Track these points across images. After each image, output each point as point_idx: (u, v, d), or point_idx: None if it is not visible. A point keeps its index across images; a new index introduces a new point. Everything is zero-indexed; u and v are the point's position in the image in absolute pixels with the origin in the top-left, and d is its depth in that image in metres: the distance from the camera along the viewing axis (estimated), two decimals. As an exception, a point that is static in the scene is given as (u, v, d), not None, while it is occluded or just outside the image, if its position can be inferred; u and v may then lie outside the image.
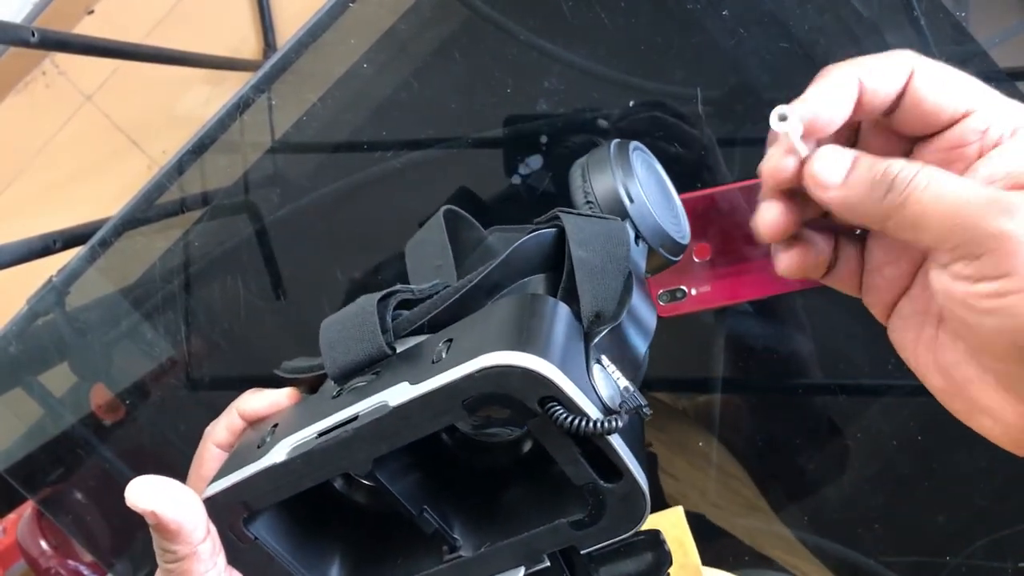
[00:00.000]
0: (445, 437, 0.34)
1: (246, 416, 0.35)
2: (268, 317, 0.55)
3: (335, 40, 0.52)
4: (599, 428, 0.25)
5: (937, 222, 0.27)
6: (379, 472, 0.28)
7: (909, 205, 0.27)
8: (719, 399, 0.52)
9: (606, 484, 0.27)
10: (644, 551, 0.29)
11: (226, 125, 0.53)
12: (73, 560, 1.03)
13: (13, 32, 0.74)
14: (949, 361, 0.30)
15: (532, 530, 0.29)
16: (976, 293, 0.26)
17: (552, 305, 0.28)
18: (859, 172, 0.29)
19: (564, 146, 0.51)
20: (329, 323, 0.33)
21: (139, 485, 0.29)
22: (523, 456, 0.33)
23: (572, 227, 0.32)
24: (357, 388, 0.30)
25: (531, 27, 0.50)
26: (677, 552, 0.42)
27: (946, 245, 0.27)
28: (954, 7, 0.47)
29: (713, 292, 0.47)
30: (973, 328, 0.28)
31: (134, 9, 1.43)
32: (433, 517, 0.30)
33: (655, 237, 0.36)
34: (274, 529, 0.31)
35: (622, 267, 0.31)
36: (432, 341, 0.30)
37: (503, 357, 0.25)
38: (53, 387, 0.58)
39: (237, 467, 0.30)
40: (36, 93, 1.46)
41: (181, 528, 0.29)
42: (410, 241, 0.41)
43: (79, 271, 0.56)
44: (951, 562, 0.50)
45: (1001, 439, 0.30)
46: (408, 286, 0.34)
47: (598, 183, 0.36)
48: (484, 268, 0.32)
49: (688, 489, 0.52)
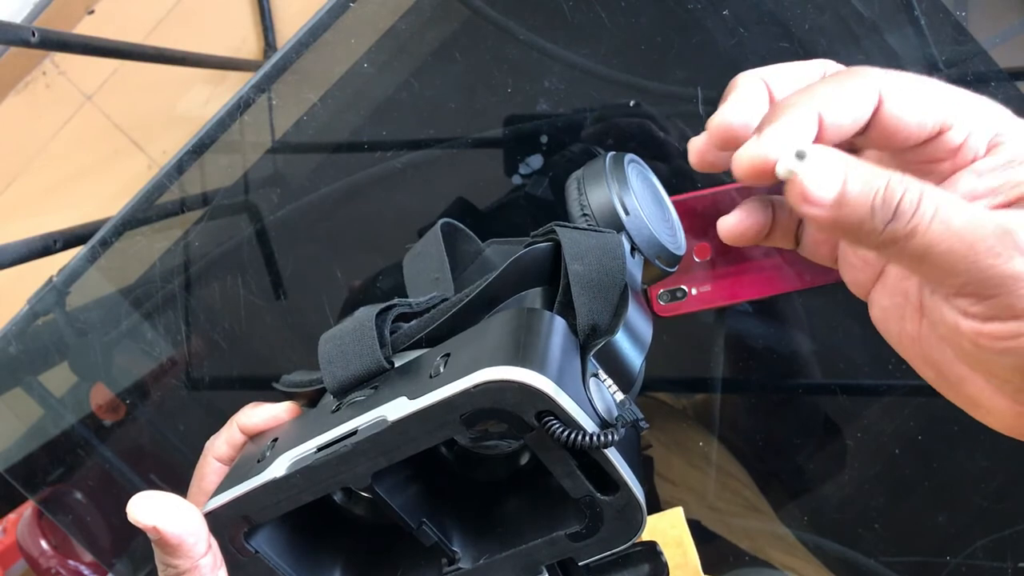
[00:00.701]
0: (444, 450, 0.34)
1: (246, 430, 0.35)
2: (268, 317, 0.55)
3: (335, 40, 0.52)
4: (595, 441, 0.25)
5: (945, 259, 0.24)
6: (378, 486, 0.29)
7: (916, 237, 0.24)
8: (719, 399, 0.52)
9: (603, 496, 0.27)
10: (641, 562, 0.29)
11: (226, 125, 0.53)
12: (73, 560, 1.03)
13: (13, 32, 0.74)
14: (938, 359, 0.29)
15: (530, 542, 0.29)
16: (988, 333, 0.25)
17: (548, 319, 0.29)
18: (855, 189, 0.24)
19: (564, 147, 0.51)
20: (327, 337, 0.33)
21: (140, 501, 0.29)
22: (521, 468, 0.34)
23: (568, 241, 0.32)
24: (356, 402, 0.30)
25: (531, 27, 0.50)
26: (676, 553, 0.42)
27: (954, 282, 0.24)
28: (954, 7, 0.47)
29: (713, 292, 0.47)
30: (981, 361, 0.26)
31: (134, 9, 1.43)
32: (432, 530, 0.30)
33: (651, 249, 0.36)
34: (275, 543, 0.32)
35: (618, 280, 0.31)
36: (430, 355, 0.30)
37: (500, 372, 0.25)
38: (53, 387, 0.58)
39: (237, 481, 0.30)
40: (36, 93, 1.46)
41: (182, 542, 0.29)
42: (407, 254, 0.42)
43: (79, 271, 0.56)
44: (951, 562, 0.50)
45: (998, 427, 0.29)
46: (406, 299, 0.34)
47: (594, 196, 0.36)
48: (481, 282, 0.32)
49: (686, 494, 0.52)
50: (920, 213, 0.23)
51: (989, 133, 0.27)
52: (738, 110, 0.29)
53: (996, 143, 0.27)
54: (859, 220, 0.24)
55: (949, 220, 0.23)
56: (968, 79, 0.47)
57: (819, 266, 0.43)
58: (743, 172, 0.26)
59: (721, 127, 0.29)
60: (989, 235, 0.23)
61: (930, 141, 0.27)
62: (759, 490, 0.52)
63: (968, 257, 0.23)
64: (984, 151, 0.28)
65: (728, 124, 0.29)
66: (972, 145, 0.27)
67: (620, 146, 0.50)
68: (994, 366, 0.26)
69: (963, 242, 0.23)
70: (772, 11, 0.48)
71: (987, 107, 0.28)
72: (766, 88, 0.29)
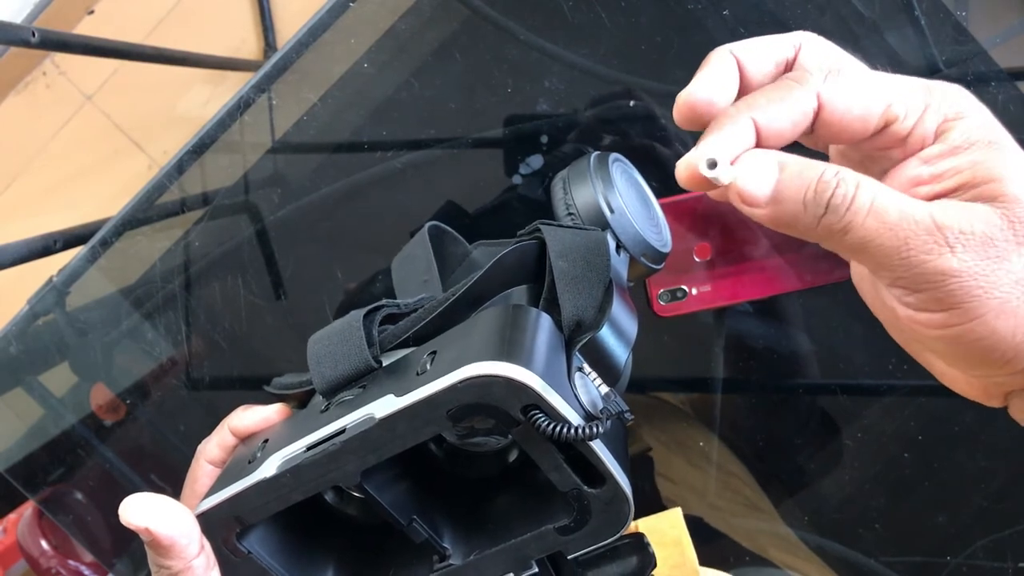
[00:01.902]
0: (433, 447, 0.35)
1: (237, 432, 0.35)
2: (268, 317, 0.55)
3: (335, 40, 0.52)
4: (581, 434, 0.25)
5: (880, 252, 0.25)
6: (367, 483, 0.29)
7: (852, 232, 0.25)
8: (719, 399, 0.52)
9: (590, 489, 0.27)
10: (629, 554, 0.30)
11: (226, 125, 0.53)
12: (73, 560, 1.03)
13: (13, 32, 0.74)
14: (896, 334, 0.31)
15: (520, 537, 0.29)
16: (921, 321, 0.26)
17: (534, 315, 0.29)
18: (789, 184, 0.26)
19: (564, 147, 0.51)
20: (316, 338, 0.33)
21: (133, 502, 0.30)
22: (509, 465, 0.34)
23: (552, 239, 0.33)
24: (344, 402, 0.30)
25: (531, 27, 0.50)
26: (674, 552, 0.42)
27: (889, 275, 0.26)
28: (954, 7, 0.47)
29: (713, 292, 0.47)
30: (922, 343, 0.28)
31: (134, 9, 1.43)
32: (422, 527, 0.30)
33: (636, 246, 0.36)
34: (267, 543, 0.32)
35: (602, 276, 0.31)
36: (417, 354, 0.30)
37: (485, 367, 0.25)
38: (53, 387, 0.58)
39: (229, 483, 0.31)
40: (36, 93, 1.46)
41: (174, 544, 0.30)
42: (396, 257, 0.42)
43: (79, 271, 0.56)
44: (951, 562, 0.50)
45: (963, 394, 0.31)
46: (394, 300, 0.35)
47: (579, 195, 0.36)
48: (466, 281, 0.32)
49: (686, 492, 0.52)
50: (855, 208, 0.25)
51: (938, 119, 0.27)
52: (703, 86, 0.29)
53: (944, 129, 0.28)
54: (794, 215, 0.26)
55: (884, 213, 0.25)
56: (968, 79, 0.47)
57: (819, 266, 0.43)
58: (683, 181, 0.27)
59: (686, 104, 0.29)
60: (922, 231, 0.24)
61: (880, 132, 0.28)
62: (760, 489, 0.52)
63: (901, 252, 0.25)
64: (933, 138, 0.28)
65: (693, 101, 0.29)
66: (919, 133, 0.28)
67: (619, 146, 0.50)
68: (934, 348, 0.27)
69: (897, 237, 0.24)
70: (772, 11, 0.48)
71: (941, 93, 0.28)
72: (736, 63, 0.29)
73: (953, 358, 0.28)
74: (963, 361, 0.27)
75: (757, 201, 0.26)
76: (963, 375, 0.29)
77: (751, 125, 0.27)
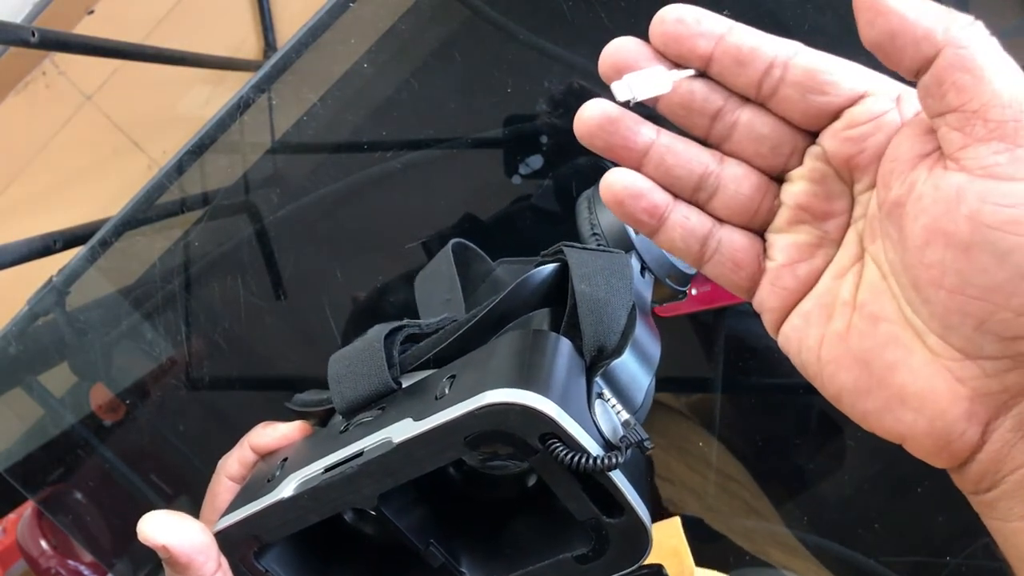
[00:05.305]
0: (452, 470, 0.35)
1: (257, 449, 0.36)
2: (268, 317, 0.55)
3: (335, 40, 0.52)
4: (599, 465, 0.25)
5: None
6: (385, 507, 0.29)
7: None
8: (719, 399, 0.52)
9: (608, 519, 0.27)
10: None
11: (226, 125, 0.53)
12: (73, 560, 1.03)
13: (13, 32, 0.74)
14: (869, 346, 0.26)
15: (537, 564, 0.29)
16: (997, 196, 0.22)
17: (553, 340, 0.29)
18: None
19: (564, 148, 0.51)
20: (337, 357, 0.33)
21: (151, 520, 0.30)
22: (529, 489, 0.34)
23: (575, 261, 0.32)
24: (363, 423, 0.30)
25: (531, 27, 0.50)
26: (673, 563, 0.42)
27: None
28: (954, 7, 0.47)
29: (713, 292, 0.47)
30: (953, 271, 0.23)
31: (134, 9, 1.43)
32: (439, 551, 0.30)
33: (661, 268, 0.36)
34: (285, 562, 0.32)
35: (625, 300, 0.31)
36: (436, 377, 0.30)
37: (503, 395, 0.25)
38: (53, 387, 0.58)
39: (248, 501, 0.31)
40: (36, 93, 1.46)
41: (192, 561, 0.30)
42: (419, 274, 0.42)
43: (79, 271, 0.56)
44: (951, 562, 0.50)
45: (922, 439, 0.27)
46: (416, 321, 0.35)
47: (604, 215, 0.36)
48: (487, 304, 0.32)
49: (686, 494, 0.52)
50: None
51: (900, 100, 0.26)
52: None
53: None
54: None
55: None
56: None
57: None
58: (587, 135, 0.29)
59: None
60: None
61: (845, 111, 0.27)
62: (759, 490, 0.52)
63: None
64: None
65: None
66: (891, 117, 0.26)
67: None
68: (969, 270, 0.23)
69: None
70: (772, 11, 0.48)
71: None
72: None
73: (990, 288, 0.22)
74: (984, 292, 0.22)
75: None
76: (952, 383, 0.25)
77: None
